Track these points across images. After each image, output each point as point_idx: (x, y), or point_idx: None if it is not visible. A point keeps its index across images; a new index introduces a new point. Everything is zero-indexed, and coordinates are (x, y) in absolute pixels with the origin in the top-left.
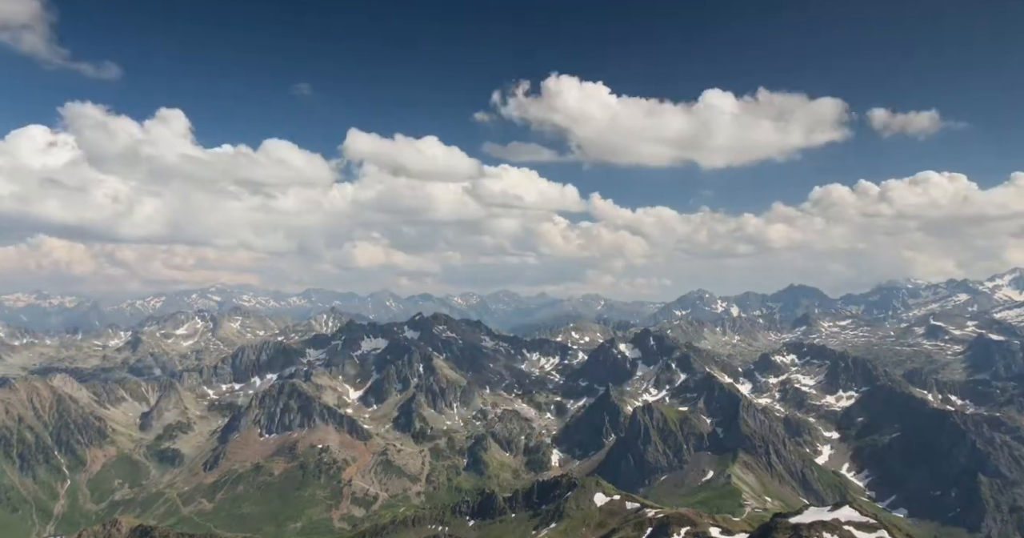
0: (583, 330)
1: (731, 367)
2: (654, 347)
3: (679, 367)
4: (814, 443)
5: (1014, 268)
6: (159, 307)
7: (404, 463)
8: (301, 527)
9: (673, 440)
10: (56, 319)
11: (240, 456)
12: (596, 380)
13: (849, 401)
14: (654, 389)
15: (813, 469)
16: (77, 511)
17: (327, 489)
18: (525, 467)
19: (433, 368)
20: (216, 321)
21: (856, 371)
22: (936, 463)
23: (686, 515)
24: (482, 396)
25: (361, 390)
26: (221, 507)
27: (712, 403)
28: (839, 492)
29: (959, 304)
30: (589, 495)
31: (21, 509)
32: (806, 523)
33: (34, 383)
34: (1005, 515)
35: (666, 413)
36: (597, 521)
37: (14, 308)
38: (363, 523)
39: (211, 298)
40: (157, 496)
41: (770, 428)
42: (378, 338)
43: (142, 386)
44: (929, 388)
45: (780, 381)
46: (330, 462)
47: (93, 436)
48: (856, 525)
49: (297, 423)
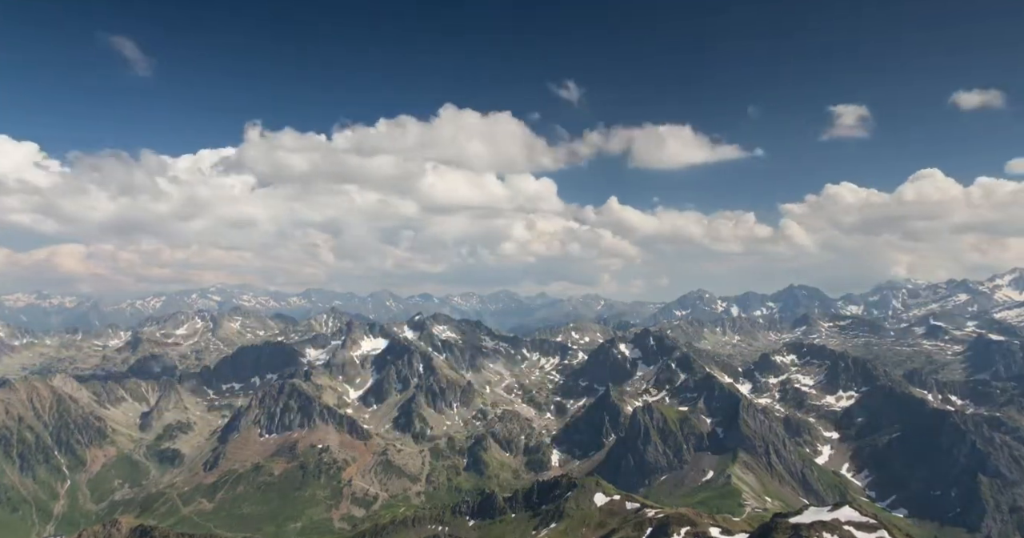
0: (583, 330)
1: (731, 367)
2: (654, 347)
3: (679, 367)
4: (814, 443)
5: (1014, 268)
6: (159, 307)
7: (404, 463)
8: (301, 527)
9: (673, 440)
10: (56, 319)
11: (240, 456)
12: (596, 380)
13: (849, 401)
14: (654, 389)
15: (813, 469)
16: (77, 511)
17: (327, 489)
18: (525, 467)
19: (433, 368)
20: (216, 321)
21: (856, 371)
22: (936, 463)
23: (686, 515)
24: (482, 396)
25: (361, 390)
26: (221, 507)
27: (712, 403)
28: (839, 492)
29: (959, 304)
30: (589, 495)
31: (21, 509)
32: (806, 523)
33: (34, 383)
34: (1005, 515)
35: (666, 413)
36: (597, 521)
37: (14, 308)
38: (363, 523)
39: (211, 298)
40: (157, 496)
41: (770, 428)
42: (378, 338)
43: (142, 386)
44: (929, 388)
45: (780, 381)
46: (330, 462)
47: (93, 436)
48: (856, 525)
49: (297, 423)
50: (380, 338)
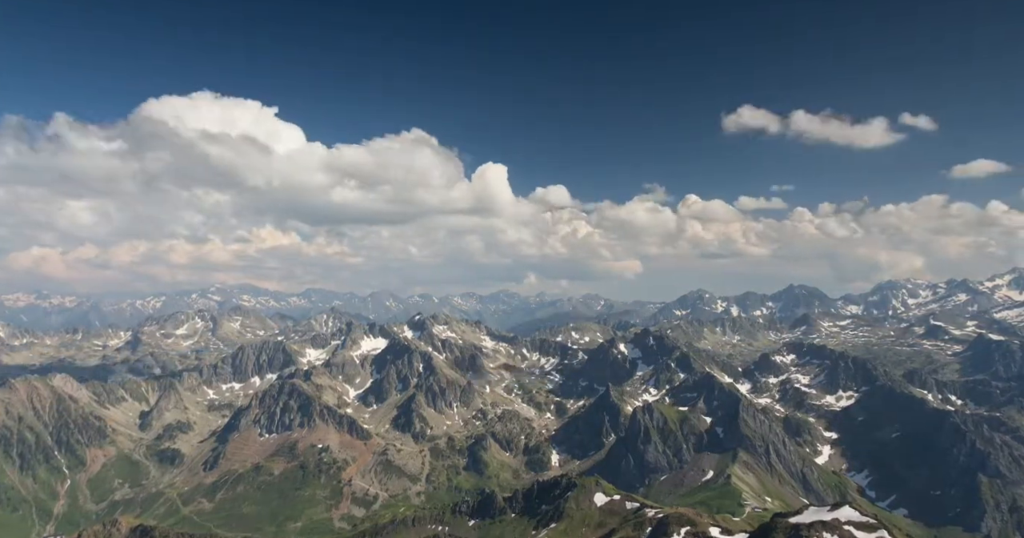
0: (583, 330)
1: (731, 367)
2: (654, 347)
3: (679, 367)
4: (814, 443)
5: (1014, 268)
6: (159, 307)
7: (404, 463)
8: (301, 527)
9: (673, 440)
10: (56, 319)
11: (240, 456)
12: (596, 380)
13: (849, 401)
14: (654, 389)
15: (813, 469)
16: (77, 511)
17: (327, 489)
18: (525, 467)
19: (433, 368)
20: (216, 321)
21: (856, 371)
22: (936, 463)
23: (686, 515)
24: (482, 396)
25: (361, 390)
26: (221, 507)
27: (712, 403)
28: (839, 492)
29: (959, 304)
30: (589, 495)
31: (21, 509)
32: (806, 523)
33: (34, 383)
34: (1005, 515)
35: (666, 413)
36: (597, 521)
37: (14, 308)
38: (363, 523)
39: (211, 298)
40: (157, 496)
41: (770, 428)
42: (378, 338)
43: (142, 386)
44: (929, 388)
45: (780, 381)
46: (330, 462)
47: (93, 436)
48: (856, 525)
49: (297, 423)
50: (380, 338)
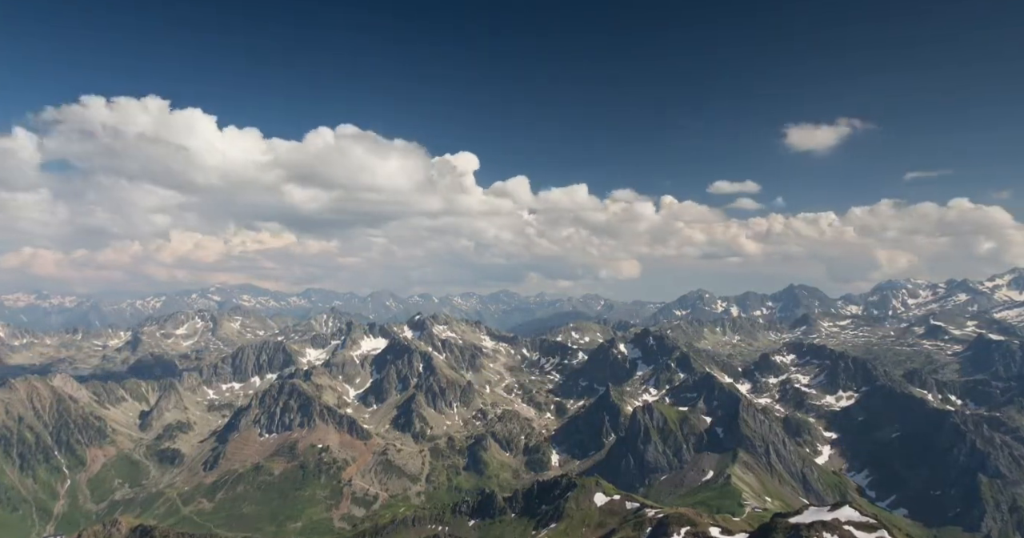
0: (583, 330)
1: (731, 367)
2: (654, 347)
3: (679, 367)
4: (814, 443)
5: (1013, 268)
6: (159, 307)
7: (404, 463)
8: (301, 527)
9: (673, 440)
10: (56, 319)
11: (240, 456)
12: (596, 380)
13: (849, 401)
14: (654, 389)
15: (813, 469)
16: (77, 511)
17: (327, 489)
18: (525, 467)
19: (433, 368)
20: (216, 321)
21: (856, 371)
22: (936, 463)
23: (686, 515)
24: (482, 396)
25: (361, 390)
26: (221, 507)
27: (712, 403)
28: (839, 492)
29: (959, 304)
30: (589, 495)
31: (21, 509)
32: (806, 523)
33: (34, 383)
34: (1005, 515)
35: (666, 413)
36: (597, 521)
37: (14, 308)
38: (363, 523)
39: (211, 298)
40: (157, 496)
41: (770, 428)
42: (378, 338)
43: (142, 386)
44: (929, 388)
45: (780, 381)
46: (330, 462)
47: (93, 436)
48: (856, 525)
49: (297, 423)
50: (380, 338)
